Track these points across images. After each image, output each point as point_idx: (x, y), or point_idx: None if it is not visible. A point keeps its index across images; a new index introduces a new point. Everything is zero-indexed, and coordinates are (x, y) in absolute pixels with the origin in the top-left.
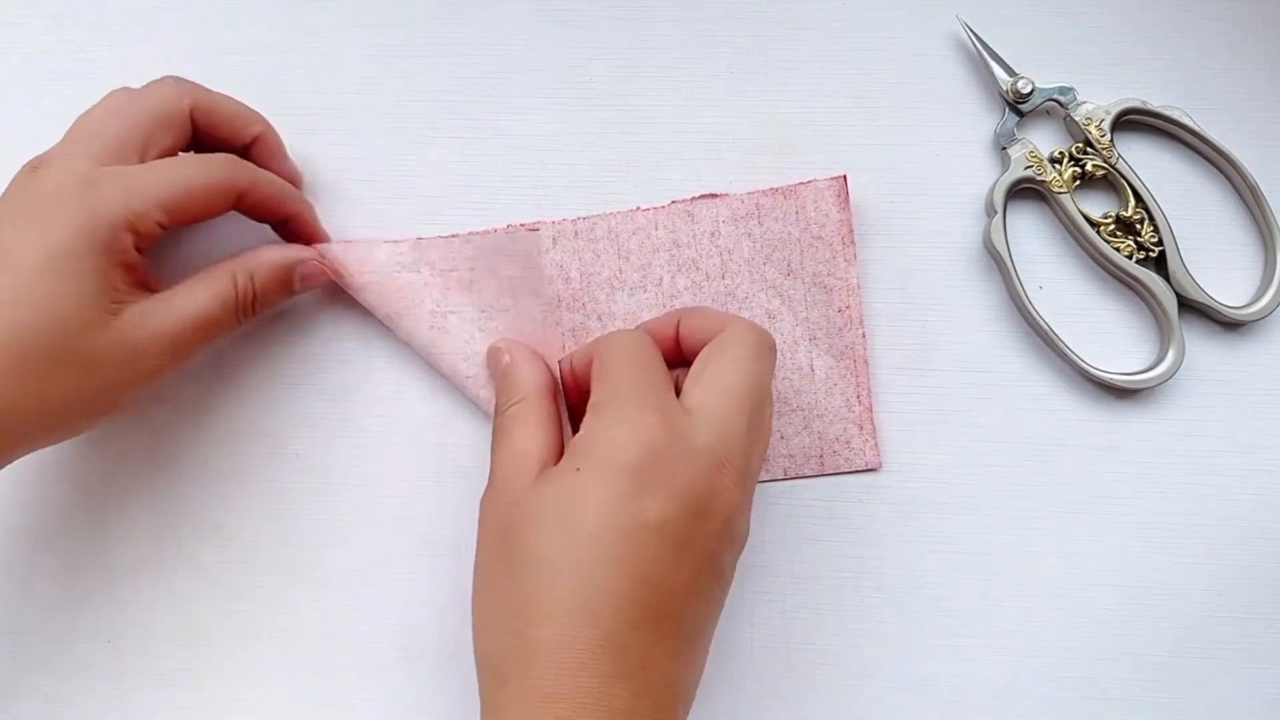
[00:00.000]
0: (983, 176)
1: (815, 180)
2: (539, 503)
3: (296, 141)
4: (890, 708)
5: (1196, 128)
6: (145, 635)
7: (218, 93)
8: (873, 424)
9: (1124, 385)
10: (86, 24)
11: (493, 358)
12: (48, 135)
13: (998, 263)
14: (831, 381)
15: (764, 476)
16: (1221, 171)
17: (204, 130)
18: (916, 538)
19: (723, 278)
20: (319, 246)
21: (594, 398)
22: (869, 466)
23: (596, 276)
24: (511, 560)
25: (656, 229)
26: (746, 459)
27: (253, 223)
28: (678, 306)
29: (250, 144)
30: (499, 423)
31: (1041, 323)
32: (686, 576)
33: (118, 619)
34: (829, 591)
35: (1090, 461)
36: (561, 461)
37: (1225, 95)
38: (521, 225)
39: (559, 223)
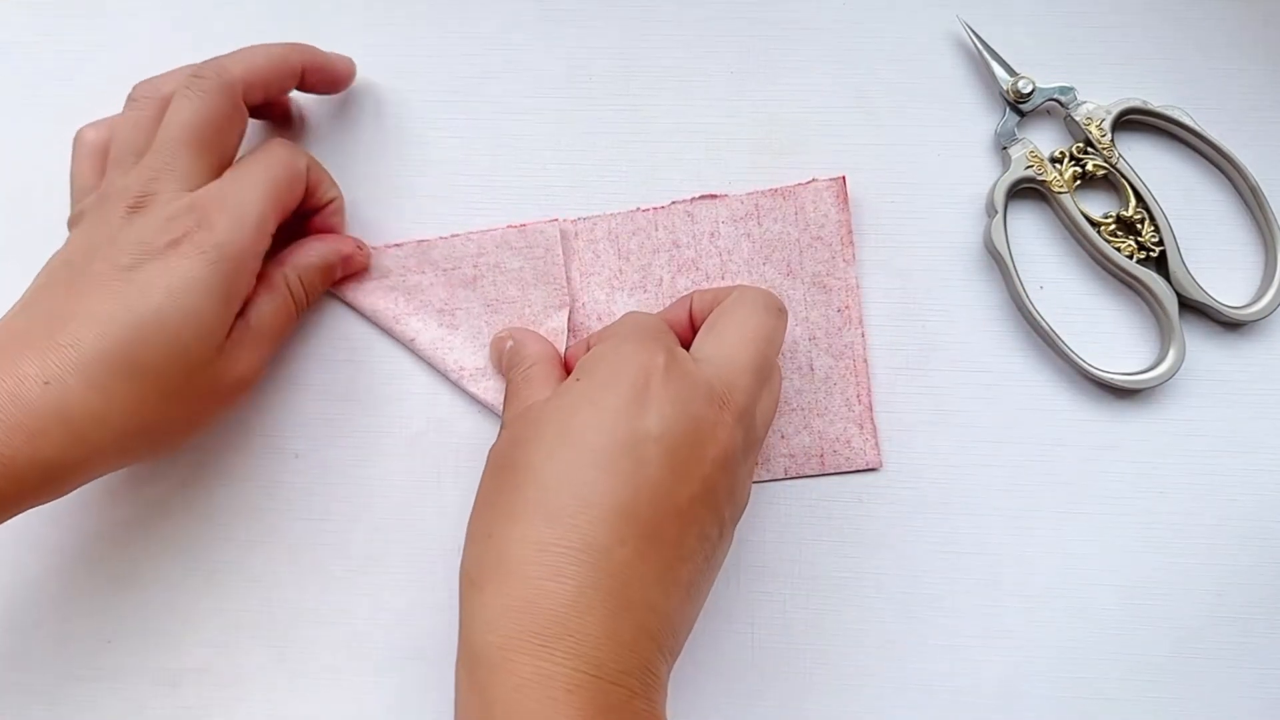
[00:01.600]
0: (983, 176)
1: (815, 180)
2: (538, 416)
3: (296, 141)
4: (890, 708)
5: (1197, 127)
6: (145, 635)
7: (246, 50)
8: (873, 423)
9: (1124, 385)
10: (83, 24)
11: (496, 346)
12: (46, 136)
13: (998, 263)
14: (831, 381)
15: (764, 475)
16: (1222, 171)
17: (258, 98)
18: (916, 538)
19: (722, 277)
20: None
21: (599, 336)
22: (869, 466)
23: (596, 277)
24: (505, 471)
25: (656, 229)
26: (751, 400)
27: None
28: None
29: (302, 80)
30: (510, 387)
31: (1042, 323)
32: (682, 501)
33: (118, 619)
34: (829, 591)
35: (1090, 461)
36: (561, 386)
37: (1225, 95)
38: (525, 224)
39: (557, 222)
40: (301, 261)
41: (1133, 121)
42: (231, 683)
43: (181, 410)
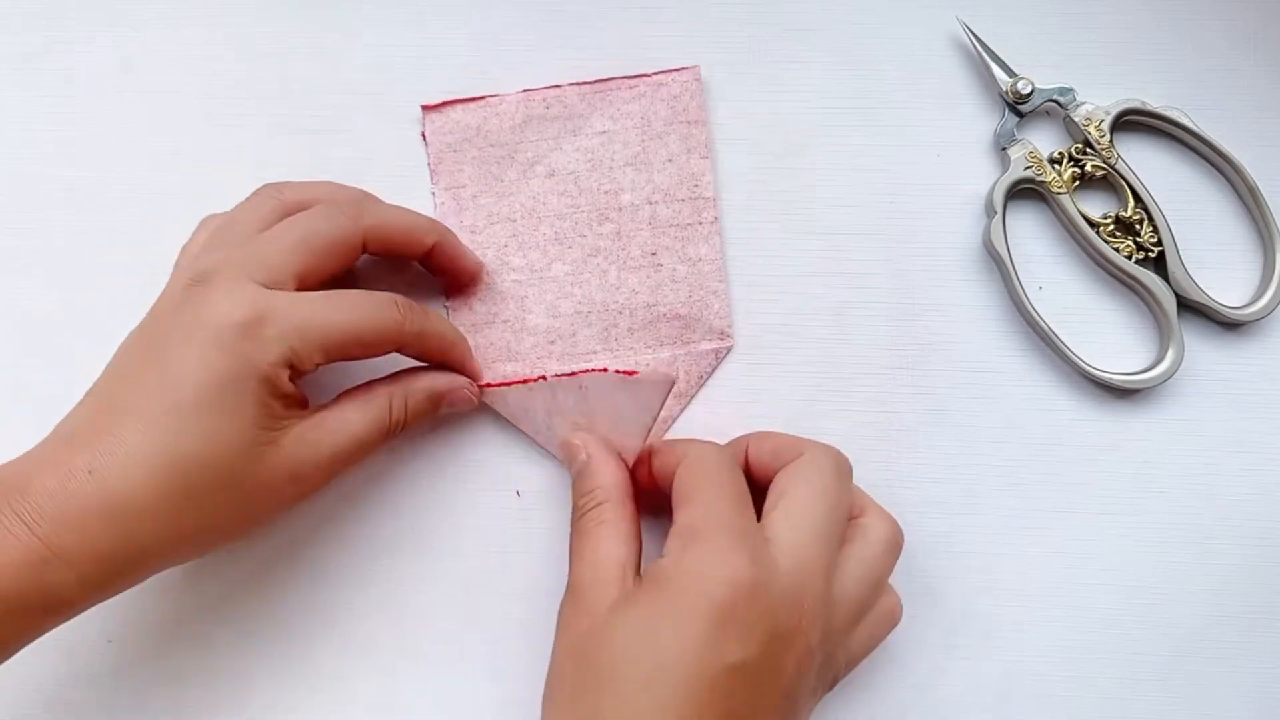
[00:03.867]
0: (983, 177)
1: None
2: (623, 626)
3: (296, 141)
4: (890, 707)
5: (1196, 128)
6: (146, 636)
7: (391, 207)
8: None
9: (1124, 385)
10: (82, 23)
11: (568, 451)
12: (44, 139)
13: (998, 263)
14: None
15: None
16: (1221, 172)
17: (376, 249)
18: (916, 538)
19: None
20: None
21: (680, 519)
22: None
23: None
24: (591, 674)
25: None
26: (826, 583)
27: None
28: (589, 271)
29: (429, 253)
30: (580, 525)
31: (1041, 323)
32: (769, 700)
33: (118, 620)
34: None
35: (1090, 461)
36: (645, 585)
37: (1225, 95)
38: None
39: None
40: (412, 386)
41: (1132, 122)
42: (233, 683)
43: (231, 506)
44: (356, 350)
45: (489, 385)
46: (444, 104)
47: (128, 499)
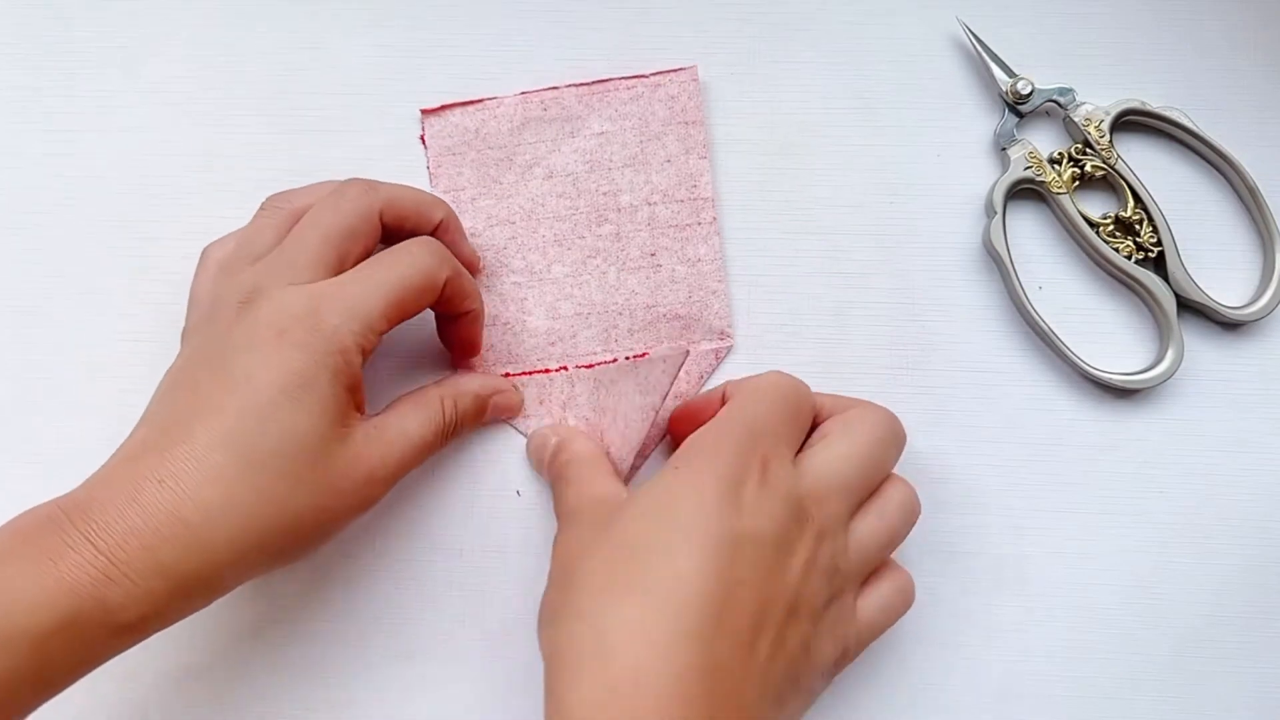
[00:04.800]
0: (983, 177)
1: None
2: (634, 497)
3: (296, 141)
4: (890, 707)
5: (1195, 128)
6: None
7: (400, 186)
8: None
9: (1124, 385)
10: (86, 22)
11: (538, 441)
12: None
13: (998, 263)
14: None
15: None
16: (1220, 172)
17: (391, 227)
18: (917, 538)
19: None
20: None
21: (736, 387)
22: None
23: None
24: (594, 551)
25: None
26: (837, 521)
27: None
28: (590, 274)
29: (434, 231)
30: (558, 470)
31: (1041, 323)
32: (774, 609)
33: None
34: None
35: (1090, 461)
36: (663, 470)
37: (1225, 95)
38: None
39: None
40: (460, 387)
41: (1131, 122)
42: (233, 683)
43: (306, 509)
44: (413, 303)
45: (509, 375)
46: (442, 107)
47: (201, 505)
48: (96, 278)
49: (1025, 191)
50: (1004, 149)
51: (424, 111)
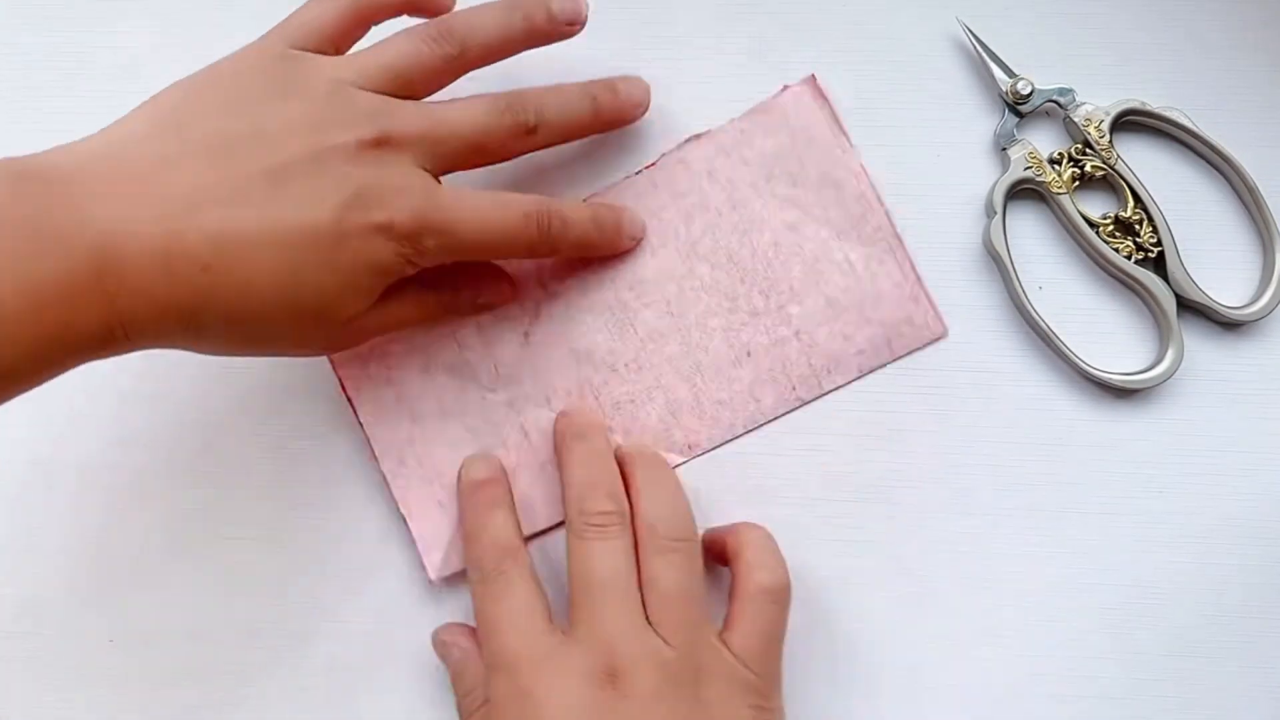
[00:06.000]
0: (983, 177)
1: (787, 87)
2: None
3: None
4: (891, 708)
5: (1195, 128)
6: (147, 636)
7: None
8: (926, 294)
9: (1124, 385)
10: (83, 21)
11: (440, 650)
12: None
13: (998, 263)
14: (873, 269)
15: (839, 381)
16: (1220, 172)
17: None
18: (917, 537)
19: (733, 209)
20: None
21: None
22: (936, 337)
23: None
24: None
25: (655, 187)
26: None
27: None
28: (699, 254)
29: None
30: (478, 603)
31: (1041, 323)
32: None
33: (120, 620)
34: (828, 592)
35: (1090, 461)
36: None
37: (1224, 96)
38: None
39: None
40: (475, 282)
41: (1131, 123)
42: (234, 683)
43: (325, 282)
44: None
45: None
46: None
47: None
48: None
49: (1025, 191)
50: (1004, 149)
51: None
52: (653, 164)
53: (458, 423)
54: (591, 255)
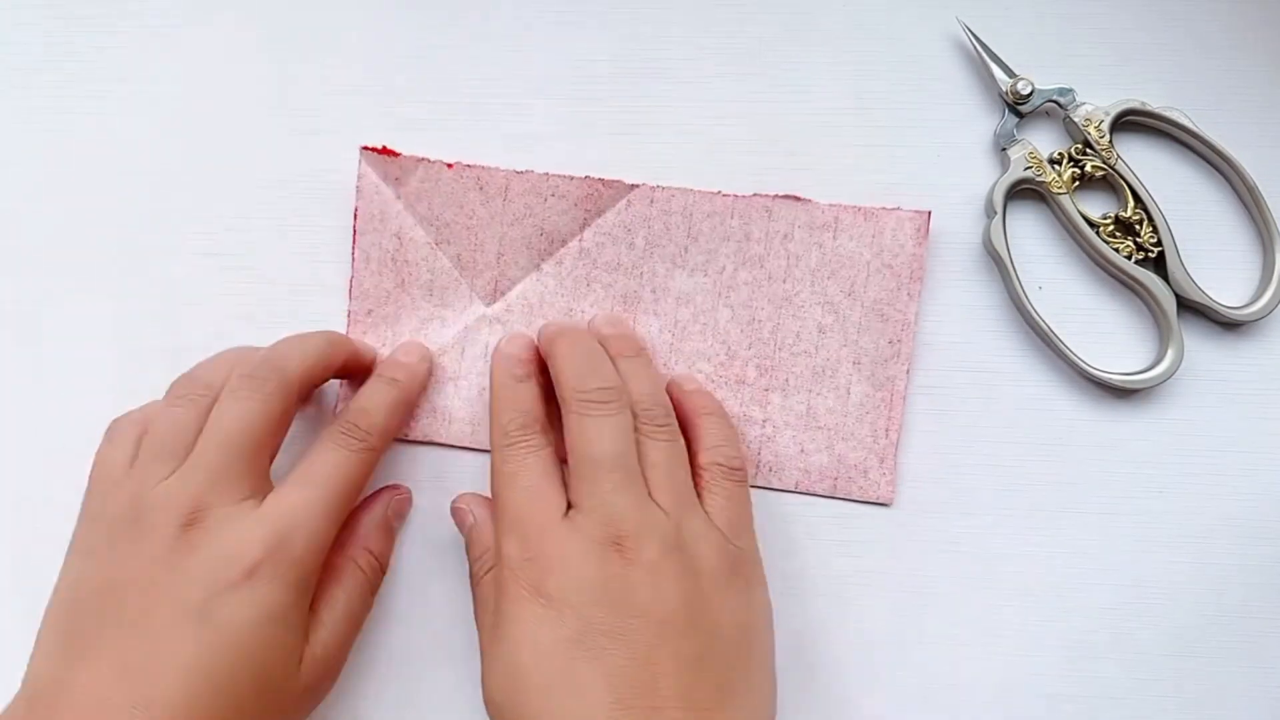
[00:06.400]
0: (983, 177)
1: (899, 209)
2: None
3: (297, 142)
4: (890, 708)
5: (1195, 128)
6: None
7: (300, 343)
8: (894, 460)
9: (1124, 385)
10: (84, 21)
11: (458, 517)
12: (47, 132)
13: (998, 263)
14: (865, 409)
15: (774, 484)
16: (1220, 172)
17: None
18: (916, 538)
19: (784, 281)
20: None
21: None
22: (881, 500)
23: (661, 249)
24: None
25: (732, 217)
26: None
27: None
28: (728, 299)
29: (357, 369)
30: (478, 594)
31: (1041, 323)
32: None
33: None
34: (827, 592)
35: (1090, 461)
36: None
37: (1224, 96)
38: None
39: (640, 186)
40: (365, 536)
41: (1131, 123)
42: None
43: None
44: (361, 484)
45: None
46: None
47: None
48: (94, 279)
49: (1025, 191)
50: (1004, 149)
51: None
52: (743, 197)
53: (438, 306)
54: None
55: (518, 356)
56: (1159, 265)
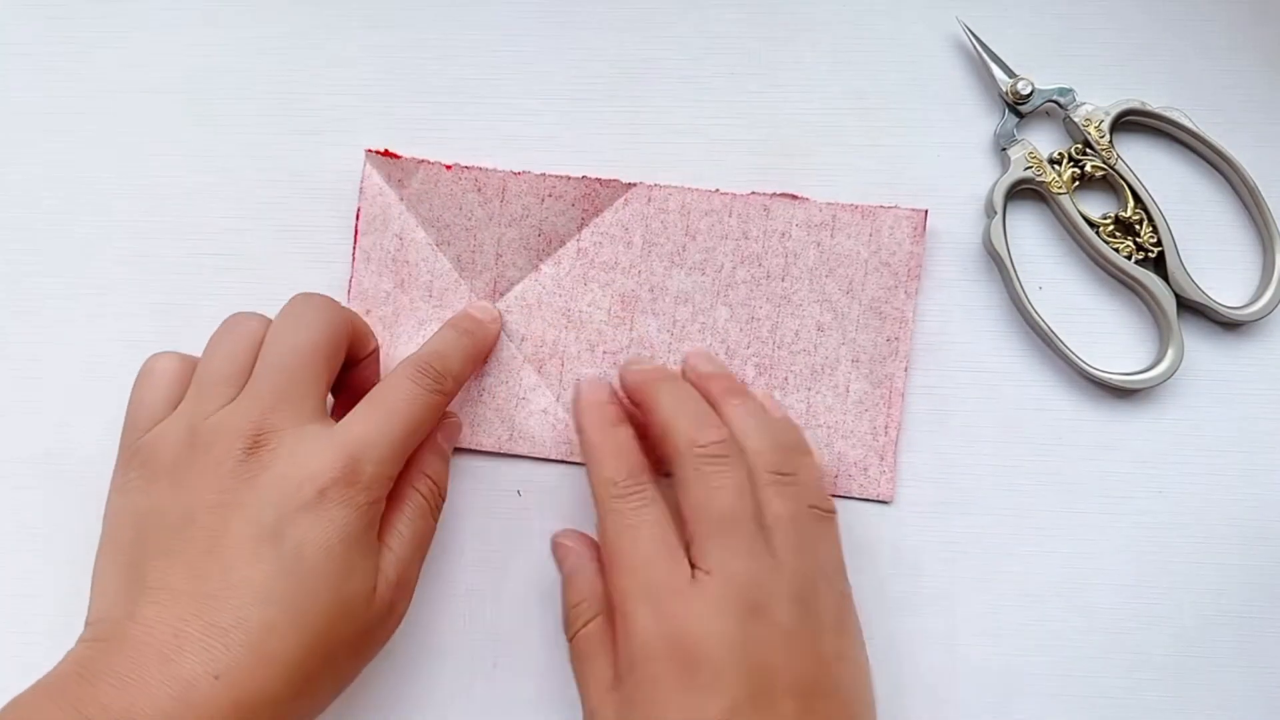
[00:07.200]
0: (983, 177)
1: (896, 207)
2: None
3: (297, 142)
4: (891, 707)
5: (1195, 128)
6: None
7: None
8: (894, 457)
9: (1124, 385)
10: (86, 20)
11: (559, 553)
12: (48, 132)
13: (998, 263)
14: (863, 406)
15: None
16: (1220, 172)
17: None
18: (917, 537)
19: (782, 279)
20: None
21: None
22: (881, 498)
23: (659, 248)
24: None
25: (730, 215)
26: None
27: None
28: (727, 298)
29: (364, 358)
30: (575, 654)
31: (1041, 323)
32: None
33: None
34: None
35: (1090, 461)
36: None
37: (1224, 96)
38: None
39: (637, 185)
40: (422, 461)
41: (1131, 123)
42: None
43: (347, 663)
44: (429, 423)
45: None
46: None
47: (265, 695)
48: (93, 279)
49: (1025, 192)
50: (1004, 149)
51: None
52: (740, 195)
53: (437, 307)
54: (482, 359)
55: (605, 402)
56: (1159, 265)
